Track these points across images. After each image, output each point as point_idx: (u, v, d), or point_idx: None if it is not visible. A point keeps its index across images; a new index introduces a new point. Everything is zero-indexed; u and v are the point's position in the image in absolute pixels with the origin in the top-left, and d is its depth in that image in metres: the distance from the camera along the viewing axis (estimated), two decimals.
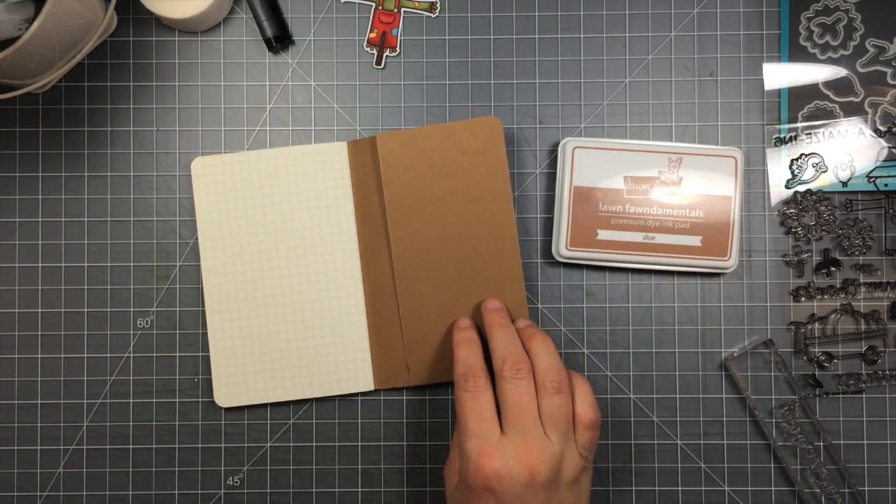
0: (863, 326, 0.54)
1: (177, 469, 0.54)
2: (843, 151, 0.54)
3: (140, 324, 0.55)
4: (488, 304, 0.52)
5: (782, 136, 0.54)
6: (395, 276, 0.53)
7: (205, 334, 0.54)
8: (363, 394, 0.55)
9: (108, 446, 0.54)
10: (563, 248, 0.53)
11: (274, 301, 0.53)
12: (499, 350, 0.47)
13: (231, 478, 0.54)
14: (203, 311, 0.54)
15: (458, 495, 0.46)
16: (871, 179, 0.54)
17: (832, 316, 0.54)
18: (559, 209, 0.53)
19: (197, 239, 0.54)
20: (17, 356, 0.54)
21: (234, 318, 0.53)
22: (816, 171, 0.54)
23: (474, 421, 0.45)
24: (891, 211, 0.54)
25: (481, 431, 0.45)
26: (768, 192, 0.54)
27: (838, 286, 0.54)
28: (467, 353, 0.48)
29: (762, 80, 0.55)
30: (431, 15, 0.55)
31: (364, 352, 0.53)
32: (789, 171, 0.54)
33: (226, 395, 0.53)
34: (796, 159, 0.54)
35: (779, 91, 0.55)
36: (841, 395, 0.54)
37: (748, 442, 0.54)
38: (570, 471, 0.45)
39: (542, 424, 0.45)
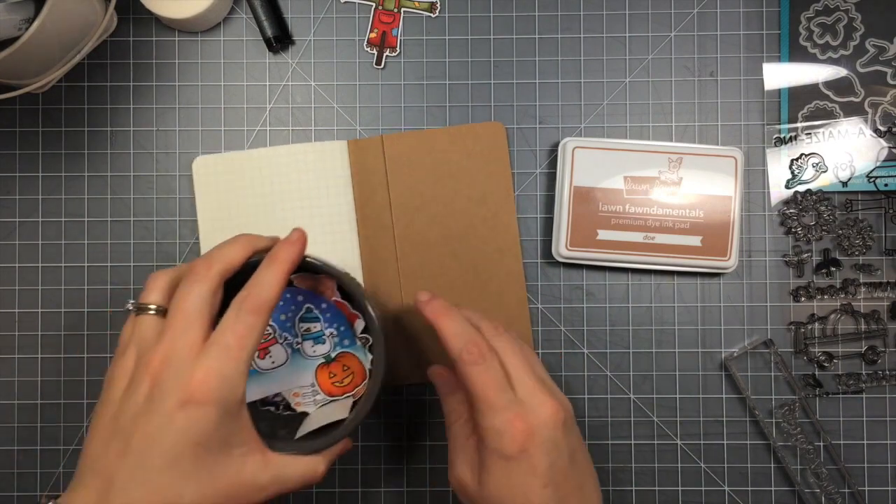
0: (863, 326, 0.54)
1: None
2: (843, 151, 0.54)
3: None
4: (421, 297, 0.45)
5: (782, 136, 0.54)
6: (399, 274, 0.53)
7: None
8: None
9: None
10: (563, 248, 0.53)
11: None
12: (455, 339, 0.43)
13: None
14: None
15: (494, 481, 0.42)
16: (871, 179, 0.54)
17: (832, 316, 0.54)
18: (559, 209, 0.53)
19: (197, 239, 0.54)
20: (16, 356, 0.54)
21: None
22: (816, 171, 0.54)
23: (495, 391, 0.41)
24: (891, 211, 0.54)
25: (507, 401, 0.41)
26: (768, 192, 0.54)
27: (838, 286, 0.54)
28: (453, 324, 0.43)
29: (762, 80, 0.55)
30: (431, 15, 0.55)
31: None
32: (789, 171, 0.54)
33: None
34: (796, 159, 0.54)
35: (779, 91, 0.55)
36: (841, 395, 0.54)
37: (748, 442, 0.54)
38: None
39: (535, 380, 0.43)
